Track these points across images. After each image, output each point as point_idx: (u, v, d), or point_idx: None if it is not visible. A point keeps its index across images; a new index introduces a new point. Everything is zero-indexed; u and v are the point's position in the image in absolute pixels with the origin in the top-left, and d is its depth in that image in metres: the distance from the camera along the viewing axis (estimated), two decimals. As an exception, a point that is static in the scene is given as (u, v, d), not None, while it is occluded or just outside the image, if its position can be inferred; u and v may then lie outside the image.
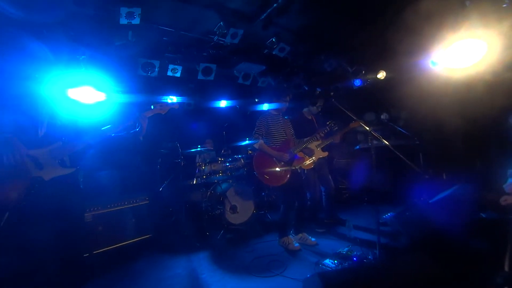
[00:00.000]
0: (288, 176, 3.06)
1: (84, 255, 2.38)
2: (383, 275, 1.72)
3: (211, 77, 4.35)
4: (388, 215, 3.65)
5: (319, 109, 3.80)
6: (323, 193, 3.88)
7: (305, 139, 3.27)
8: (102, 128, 1.82)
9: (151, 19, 3.29)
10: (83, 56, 1.93)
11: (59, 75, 1.84)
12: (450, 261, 1.78)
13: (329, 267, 2.58)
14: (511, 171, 2.69)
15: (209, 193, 4.15)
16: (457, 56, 2.78)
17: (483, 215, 2.70)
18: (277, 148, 3.12)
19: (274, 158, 3.08)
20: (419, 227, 2.60)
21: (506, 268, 1.95)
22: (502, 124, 2.91)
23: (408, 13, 2.95)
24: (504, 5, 2.57)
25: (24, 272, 1.73)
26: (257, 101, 5.78)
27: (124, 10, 2.83)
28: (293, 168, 3.11)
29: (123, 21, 2.93)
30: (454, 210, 2.68)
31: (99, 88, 2.86)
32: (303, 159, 3.32)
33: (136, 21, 2.96)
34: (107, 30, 3.21)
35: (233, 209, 3.93)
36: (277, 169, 3.04)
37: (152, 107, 2.15)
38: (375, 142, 2.65)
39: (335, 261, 2.64)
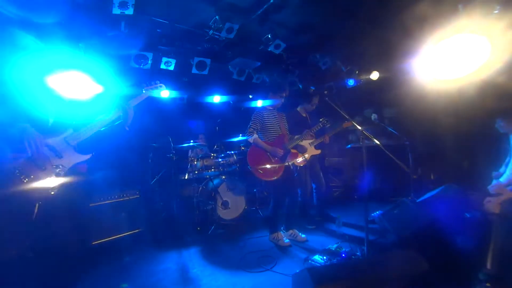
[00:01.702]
0: (282, 171, 3.08)
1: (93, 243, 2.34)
2: (371, 270, 1.76)
3: (205, 72, 4.30)
4: (376, 213, 3.72)
5: (313, 107, 3.82)
6: (314, 190, 3.92)
7: (298, 135, 3.28)
8: (97, 119, 1.80)
9: (145, 10, 3.23)
10: (81, 44, 1.88)
11: (54, 62, 1.79)
12: (436, 258, 1.84)
13: (318, 262, 2.63)
14: (496, 173, 2.79)
15: (200, 188, 4.13)
16: (448, 65, 2.85)
17: (468, 215, 2.79)
18: (272, 143, 3.13)
19: (268, 153, 3.08)
20: (406, 225, 2.66)
21: (489, 266, 2.02)
22: (491, 127, 3.00)
23: (403, 15, 2.99)
24: (495, 11, 2.62)
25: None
26: (251, 98, 5.77)
27: (117, 0, 2.77)
28: (286, 164, 3.12)
29: (116, 11, 2.86)
30: (441, 209, 2.76)
31: (95, 79, 2.79)
32: (296, 155, 3.34)
33: (130, 11, 2.89)
34: (99, 19, 3.13)
35: (225, 204, 3.94)
36: (268, 165, 3.05)
37: (143, 91, 2.12)
38: (366, 141, 2.68)
39: (324, 257, 2.68)
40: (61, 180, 1.52)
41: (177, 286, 2.42)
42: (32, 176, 1.43)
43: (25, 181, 1.40)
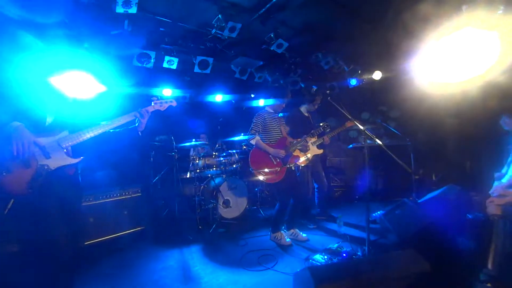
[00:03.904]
0: (284, 174, 3.08)
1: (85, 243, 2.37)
2: (372, 270, 1.76)
3: (208, 71, 4.31)
4: (378, 213, 3.73)
5: (316, 107, 3.82)
6: (315, 190, 3.93)
7: (299, 140, 3.27)
8: (102, 123, 1.80)
9: (148, 9, 3.24)
10: (86, 44, 1.88)
11: (59, 61, 1.80)
12: (437, 258, 1.84)
13: (319, 262, 2.63)
14: (498, 174, 2.78)
15: (202, 187, 4.15)
16: (452, 66, 2.84)
17: (470, 216, 2.78)
18: (274, 146, 3.13)
19: (270, 155, 3.08)
20: (407, 226, 2.66)
21: (490, 266, 2.03)
22: (493, 127, 2.98)
23: (406, 15, 2.98)
24: (499, 12, 2.61)
25: (26, 259, 1.75)
26: (253, 97, 5.78)
27: (120, -2, 2.78)
28: (288, 166, 3.12)
29: (120, 9, 2.87)
30: (442, 210, 2.76)
31: (98, 78, 2.81)
32: (298, 158, 3.34)
33: (133, 10, 2.90)
34: (102, 18, 3.14)
35: (226, 203, 3.95)
36: (270, 168, 3.04)
37: (152, 103, 2.11)
38: (368, 141, 2.68)
39: (325, 257, 2.69)
40: (42, 179, 1.52)
41: (179, 284, 2.44)
42: (13, 172, 1.43)
43: (4, 174, 1.41)
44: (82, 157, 1.72)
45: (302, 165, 3.54)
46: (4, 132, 1.40)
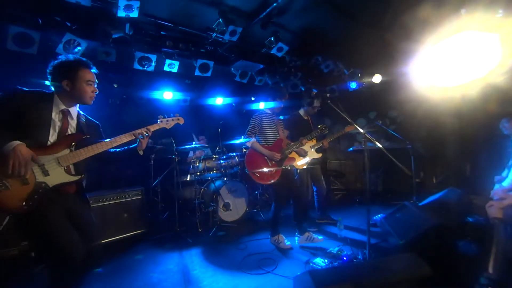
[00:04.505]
0: (279, 175, 3.08)
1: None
2: (372, 274, 1.76)
3: (208, 74, 4.33)
4: (378, 216, 3.71)
5: (315, 110, 3.83)
6: (315, 193, 3.92)
7: (295, 142, 3.27)
8: (102, 141, 1.78)
9: (150, 13, 3.27)
10: (94, 70, 1.86)
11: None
12: (438, 262, 1.83)
13: (319, 265, 2.62)
14: (498, 178, 2.78)
15: (202, 190, 4.15)
16: (452, 70, 2.85)
17: (470, 219, 2.78)
18: (270, 147, 3.13)
19: (266, 157, 3.09)
20: (408, 229, 2.65)
21: (490, 270, 2.02)
22: (494, 130, 2.99)
23: (406, 18, 3.00)
24: (499, 14, 2.63)
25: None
26: (253, 100, 5.80)
27: (122, 3, 2.80)
28: (284, 167, 3.13)
29: (121, 13, 2.90)
30: (443, 213, 2.75)
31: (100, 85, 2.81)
32: (294, 159, 3.35)
33: (135, 14, 2.92)
34: (104, 22, 3.17)
35: (226, 206, 3.95)
36: (265, 169, 3.06)
37: (158, 121, 2.09)
38: (368, 144, 2.68)
39: (326, 260, 2.68)
40: (39, 196, 1.51)
41: (178, 287, 2.43)
42: (11, 188, 1.43)
43: (1, 191, 1.41)
44: (83, 175, 1.71)
45: (301, 168, 3.54)
46: (4, 149, 1.39)
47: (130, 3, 2.81)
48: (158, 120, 2.09)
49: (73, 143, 1.68)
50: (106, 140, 1.79)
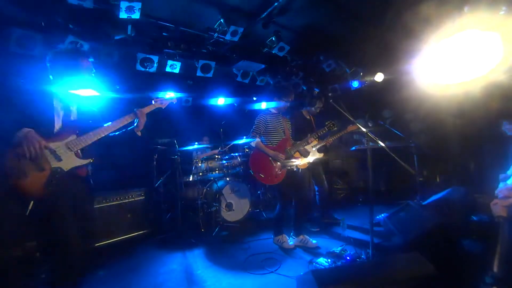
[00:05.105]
0: (283, 175, 3.07)
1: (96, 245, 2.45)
2: (376, 273, 1.75)
3: (210, 74, 4.34)
4: (382, 215, 3.69)
5: (318, 110, 3.82)
6: (316, 193, 3.91)
7: (302, 140, 3.26)
8: (105, 125, 1.87)
9: (151, 14, 3.28)
10: (91, 59, 1.96)
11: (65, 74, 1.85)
12: (442, 261, 1.82)
13: (322, 265, 2.62)
14: (503, 176, 2.75)
15: (205, 190, 4.16)
16: (455, 67, 2.83)
17: (475, 218, 2.76)
18: (274, 147, 3.12)
19: (270, 158, 3.08)
20: (412, 228, 2.63)
21: (495, 269, 2.00)
22: (497, 129, 2.96)
23: (408, 17, 2.98)
24: (501, 12, 2.61)
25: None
26: (255, 100, 5.79)
27: (124, 4, 2.81)
28: (288, 168, 3.12)
29: (123, 15, 2.91)
30: (447, 212, 2.73)
31: (101, 85, 2.84)
32: (299, 159, 3.33)
33: (136, 15, 2.94)
34: (106, 24, 3.19)
35: (229, 206, 3.95)
36: (270, 170, 3.04)
37: (152, 101, 2.20)
38: (371, 143, 2.67)
39: (329, 260, 2.67)
40: (56, 180, 1.60)
41: (182, 287, 2.44)
42: (29, 175, 1.51)
43: (22, 178, 1.49)
44: (93, 159, 1.81)
45: (303, 167, 3.53)
46: (16, 137, 1.48)
47: (132, 4, 2.82)
48: (153, 101, 2.20)
49: (78, 130, 1.78)
50: (106, 125, 1.89)
